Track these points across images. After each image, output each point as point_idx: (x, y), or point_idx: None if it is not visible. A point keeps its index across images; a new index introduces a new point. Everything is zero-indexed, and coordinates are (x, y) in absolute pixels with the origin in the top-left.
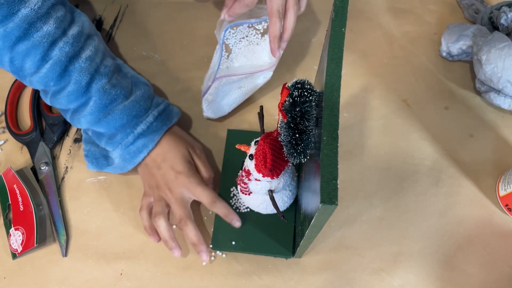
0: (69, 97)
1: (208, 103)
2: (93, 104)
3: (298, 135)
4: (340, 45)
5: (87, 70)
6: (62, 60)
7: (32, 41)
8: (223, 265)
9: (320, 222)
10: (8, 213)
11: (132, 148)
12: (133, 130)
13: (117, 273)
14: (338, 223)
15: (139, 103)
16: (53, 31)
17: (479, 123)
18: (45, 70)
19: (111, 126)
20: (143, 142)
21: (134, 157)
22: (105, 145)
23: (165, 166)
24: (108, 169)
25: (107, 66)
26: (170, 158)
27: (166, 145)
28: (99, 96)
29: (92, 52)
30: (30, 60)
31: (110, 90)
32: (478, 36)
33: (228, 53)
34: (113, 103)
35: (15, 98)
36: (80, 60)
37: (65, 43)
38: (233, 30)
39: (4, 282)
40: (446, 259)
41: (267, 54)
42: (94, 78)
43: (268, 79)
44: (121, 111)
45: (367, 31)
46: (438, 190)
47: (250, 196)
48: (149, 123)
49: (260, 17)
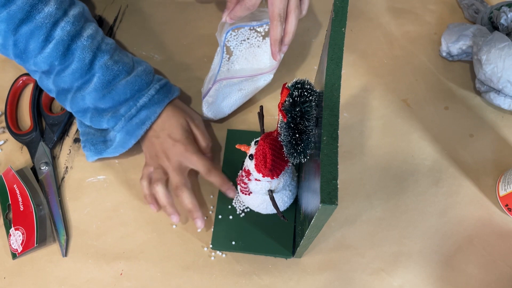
0: (73, 75)
1: (208, 105)
2: (97, 81)
3: (298, 135)
4: (340, 45)
5: (89, 48)
6: (64, 39)
7: (35, 23)
8: (223, 265)
9: (320, 222)
10: (8, 213)
11: (135, 120)
12: (136, 102)
13: (117, 273)
14: (338, 223)
15: (141, 77)
16: (54, 11)
17: (479, 123)
18: (49, 50)
19: (115, 101)
20: (146, 114)
21: (137, 129)
22: (108, 121)
23: (163, 134)
24: (107, 152)
25: (108, 44)
26: (168, 127)
27: (165, 116)
28: (102, 72)
29: (93, 31)
30: (34, 41)
31: (113, 66)
32: (478, 36)
33: (229, 56)
34: (116, 78)
35: (15, 98)
36: (82, 39)
37: (66, 23)
38: (234, 33)
39: (4, 282)
40: (446, 259)
41: (268, 56)
42: (97, 55)
43: (268, 81)
44: (124, 86)
45: (367, 31)
46: (438, 190)
47: (250, 196)
48: (151, 95)
49: (261, 19)
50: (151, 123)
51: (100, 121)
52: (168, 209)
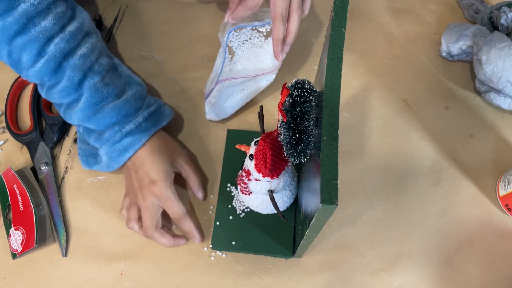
0: (61, 93)
1: (211, 106)
2: (84, 101)
3: (298, 135)
4: (340, 45)
5: (80, 68)
6: (56, 56)
7: (30, 36)
8: (223, 265)
9: (320, 222)
10: (8, 213)
11: (119, 147)
12: (121, 128)
13: (117, 273)
14: (338, 223)
15: (129, 102)
16: (51, 26)
17: (479, 123)
18: (40, 65)
19: (100, 124)
20: (130, 141)
21: (120, 156)
22: (94, 142)
23: (141, 171)
24: (96, 167)
25: (102, 64)
26: (148, 164)
27: (149, 150)
28: (90, 94)
29: (88, 49)
30: (27, 54)
31: (102, 88)
32: (478, 36)
33: (231, 56)
34: (103, 101)
35: (15, 98)
36: (75, 57)
37: (61, 39)
38: (236, 33)
39: (4, 282)
40: (446, 259)
41: (270, 56)
42: (87, 76)
43: (271, 81)
44: (111, 110)
45: (367, 31)
46: (438, 190)
47: (250, 196)
48: (138, 123)
49: (263, 20)
50: (134, 152)
51: (88, 138)
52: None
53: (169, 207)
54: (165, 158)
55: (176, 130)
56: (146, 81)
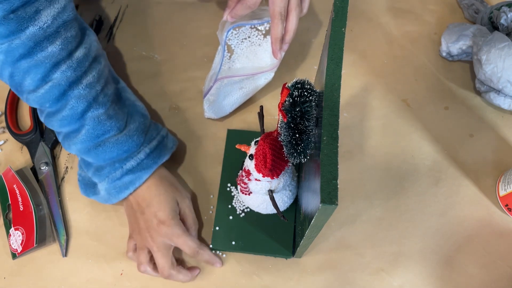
0: (62, 121)
1: (210, 104)
2: (85, 133)
3: (298, 135)
4: (340, 45)
5: (85, 98)
6: (61, 84)
7: (35, 60)
8: (223, 265)
9: (320, 222)
10: (8, 213)
11: (119, 184)
12: (122, 165)
13: (117, 273)
14: (338, 223)
15: (132, 138)
16: (58, 52)
17: (479, 123)
18: (43, 91)
19: (100, 158)
20: (131, 179)
21: (120, 193)
22: (92, 175)
23: (149, 212)
24: (94, 197)
25: (107, 95)
26: (155, 205)
27: (154, 189)
28: (92, 126)
29: (94, 78)
30: (30, 79)
31: (105, 121)
32: (478, 36)
33: (230, 54)
34: (105, 134)
35: (15, 98)
36: (80, 86)
37: (68, 67)
38: (235, 31)
39: (4, 282)
40: (446, 259)
41: (269, 55)
42: (91, 107)
43: (269, 80)
44: (112, 144)
45: (367, 31)
46: (438, 190)
47: (250, 196)
48: (140, 160)
49: (262, 18)
50: (134, 189)
51: (87, 171)
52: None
53: (182, 244)
54: (170, 197)
55: (177, 130)
56: (146, 81)
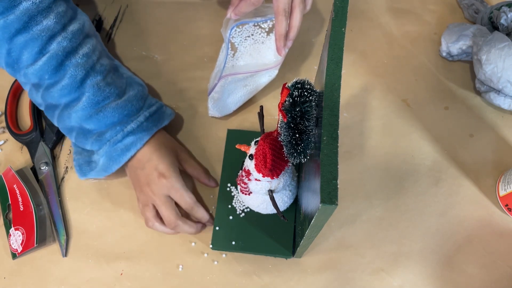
0: (62, 91)
1: (214, 102)
2: (85, 100)
3: (298, 135)
4: (340, 45)
5: (82, 66)
6: (59, 54)
7: (31, 34)
8: (223, 265)
9: (320, 222)
10: (8, 213)
11: (120, 146)
12: (123, 128)
13: (117, 273)
14: (338, 223)
15: (131, 102)
16: (53, 25)
17: (479, 123)
18: (41, 62)
19: (102, 123)
20: (132, 140)
21: (121, 155)
22: (92, 144)
23: (149, 166)
24: (91, 174)
25: (103, 65)
26: (155, 159)
27: (154, 146)
28: (92, 92)
29: (90, 49)
30: (28, 52)
31: (104, 87)
32: (478, 36)
33: (233, 52)
34: (105, 100)
35: (15, 98)
36: (77, 56)
37: (63, 38)
38: (239, 29)
39: (4, 282)
40: (446, 259)
41: (272, 52)
42: (89, 75)
43: (273, 77)
44: (113, 109)
45: (367, 31)
46: (438, 190)
47: (250, 196)
48: (140, 122)
49: (265, 15)
50: (136, 151)
51: (84, 142)
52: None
53: (179, 198)
54: (170, 152)
55: (176, 130)
56: (146, 81)
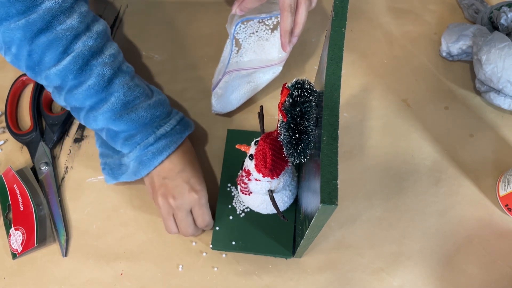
0: (88, 91)
1: (218, 98)
2: (115, 100)
3: (298, 135)
4: (340, 45)
5: (110, 66)
6: (85, 53)
7: (55, 33)
8: (223, 265)
9: (320, 222)
10: (8, 213)
11: (152, 149)
12: (155, 130)
13: (117, 273)
14: (338, 223)
15: (162, 105)
16: (77, 25)
17: (479, 123)
18: (66, 62)
19: (132, 125)
20: (165, 143)
21: (153, 159)
22: (121, 146)
23: (180, 177)
24: (123, 177)
25: (129, 67)
26: (189, 171)
27: (187, 157)
28: (123, 92)
29: (115, 50)
30: (51, 53)
31: (134, 88)
32: (478, 36)
33: (237, 48)
34: (136, 100)
35: (15, 98)
36: (104, 56)
37: (88, 38)
38: (243, 25)
39: (4, 282)
40: (446, 259)
41: (276, 49)
42: (117, 75)
43: (277, 74)
44: (145, 109)
45: (367, 31)
46: (438, 190)
47: (250, 196)
48: (172, 125)
49: (270, 12)
50: (168, 155)
51: (115, 143)
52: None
53: (200, 215)
54: (199, 166)
55: None
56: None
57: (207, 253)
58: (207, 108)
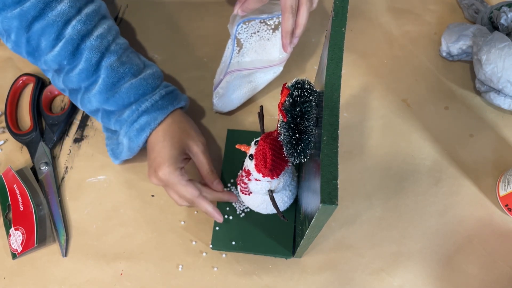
0: (80, 75)
1: (219, 97)
2: (101, 82)
3: (298, 135)
4: (340, 45)
5: (97, 48)
6: (74, 38)
7: (47, 20)
8: (223, 265)
9: (320, 222)
10: (8, 213)
11: (136, 126)
12: (138, 107)
13: (117, 273)
14: (338, 223)
15: (147, 81)
16: (67, 9)
17: (479, 123)
18: (59, 48)
19: (119, 104)
20: (146, 120)
21: (138, 136)
22: (114, 125)
23: (150, 156)
24: (122, 155)
25: (119, 44)
26: (156, 149)
27: (160, 134)
28: (107, 74)
29: (105, 30)
30: (46, 39)
31: (119, 68)
32: (478, 36)
33: (239, 48)
34: (120, 81)
35: (15, 98)
36: (91, 38)
37: (78, 21)
38: (245, 25)
39: (4, 282)
40: (446, 259)
41: (278, 49)
42: (104, 56)
43: (278, 74)
44: (128, 89)
45: (367, 31)
46: (438, 190)
47: (250, 196)
48: (154, 101)
49: (272, 12)
50: (151, 131)
51: (108, 123)
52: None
53: (177, 193)
54: (175, 144)
55: None
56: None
57: (207, 253)
58: (207, 108)
